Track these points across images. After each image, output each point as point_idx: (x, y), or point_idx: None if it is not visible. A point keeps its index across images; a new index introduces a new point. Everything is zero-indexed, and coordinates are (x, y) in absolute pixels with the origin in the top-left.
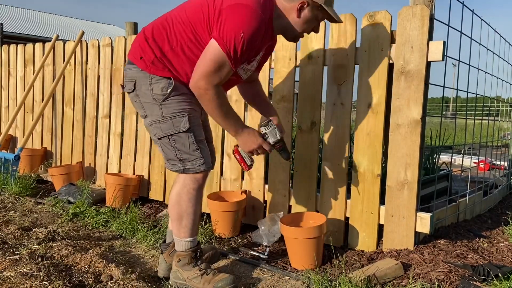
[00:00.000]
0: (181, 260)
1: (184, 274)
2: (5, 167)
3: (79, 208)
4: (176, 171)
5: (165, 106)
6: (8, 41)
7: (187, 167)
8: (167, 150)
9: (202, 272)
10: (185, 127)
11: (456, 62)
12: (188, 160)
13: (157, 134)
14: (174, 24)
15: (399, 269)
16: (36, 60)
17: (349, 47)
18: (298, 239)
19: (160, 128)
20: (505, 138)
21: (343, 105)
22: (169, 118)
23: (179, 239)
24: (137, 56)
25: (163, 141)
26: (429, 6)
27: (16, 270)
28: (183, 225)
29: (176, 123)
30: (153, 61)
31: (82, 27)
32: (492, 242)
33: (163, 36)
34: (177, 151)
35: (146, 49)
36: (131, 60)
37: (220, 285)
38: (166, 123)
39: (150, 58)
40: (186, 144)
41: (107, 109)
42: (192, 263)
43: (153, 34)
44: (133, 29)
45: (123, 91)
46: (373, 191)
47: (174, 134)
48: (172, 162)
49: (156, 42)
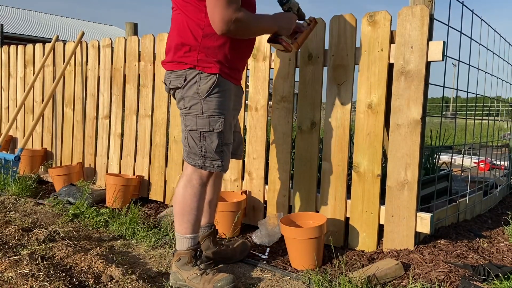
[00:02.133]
0: (181, 259)
1: (184, 275)
2: (6, 168)
3: (80, 209)
4: (194, 166)
5: (206, 103)
6: (8, 41)
7: (206, 164)
8: (193, 144)
9: (201, 272)
10: (219, 128)
11: (456, 62)
12: (209, 159)
13: (190, 126)
14: (183, 14)
15: (399, 269)
16: (36, 60)
17: (349, 47)
18: (298, 240)
19: (196, 122)
20: (505, 138)
21: (343, 105)
22: (207, 115)
23: (181, 236)
24: (181, 67)
25: (193, 134)
26: (429, 6)
27: (17, 271)
28: (185, 221)
29: (212, 122)
30: (199, 60)
31: (82, 28)
32: (492, 242)
33: (186, 31)
34: (203, 147)
35: (184, 56)
36: (177, 69)
37: (220, 285)
38: (203, 119)
39: (194, 59)
40: (214, 144)
41: (107, 109)
42: (192, 262)
43: (180, 36)
44: (133, 29)
45: (167, 89)
46: (373, 191)
47: (208, 131)
48: (192, 156)
49: (187, 42)
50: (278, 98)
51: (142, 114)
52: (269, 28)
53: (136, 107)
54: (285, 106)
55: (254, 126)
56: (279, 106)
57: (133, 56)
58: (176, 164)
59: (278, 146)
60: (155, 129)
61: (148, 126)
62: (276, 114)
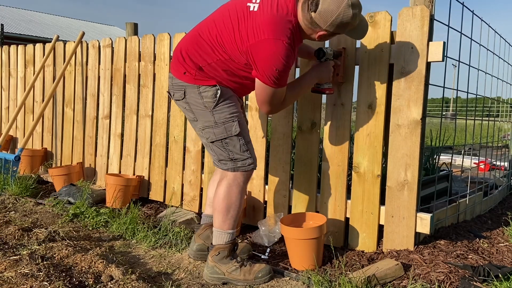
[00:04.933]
0: (220, 253)
1: (223, 268)
2: (6, 168)
3: (80, 209)
4: (227, 170)
5: (216, 113)
6: (9, 41)
7: (238, 165)
8: (219, 152)
9: (240, 263)
10: (236, 131)
11: (456, 62)
12: (239, 159)
13: (210, 138)
14: (206, 43)
15: (399, 270)
16: (36, 60)
17: (349, 48)
18: (298, 240)
19: (214, 132)
20: (505, 139)
21: (343, 106)
22: (221, 123)
23: (223, 231)
24: (180, 72)
25: (216, 144)
26: (429, 7)
27: (17, 271)
28: (229, 217)
29: (228, 128)
30: (196, 75)
31: (83, 28)
32: (492, 242)
33: (198, 55)
34: (229, 152)
35: (186, 66)
36: (175, 75)
37: (260, 275)
38: (219, 128)
39: (192, 72)
40: (237, 146)
41: (107, 109)
42: (230, 256)
43: (188, 53)
44: (133, 29)
45: (172, 99)
46: (373, 191)
47: (227, 137)
48: (224, 162)
49: (193, 61)
50: None
51: (142, 114)
52: (310, 86)
53: (136, 107)
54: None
55: (254, 127)
56: None
57: (134, 56)
58: (176, 164)
59: (278, 146)
60: (155, 129)
61: (148, 126)
62: (276, 114)
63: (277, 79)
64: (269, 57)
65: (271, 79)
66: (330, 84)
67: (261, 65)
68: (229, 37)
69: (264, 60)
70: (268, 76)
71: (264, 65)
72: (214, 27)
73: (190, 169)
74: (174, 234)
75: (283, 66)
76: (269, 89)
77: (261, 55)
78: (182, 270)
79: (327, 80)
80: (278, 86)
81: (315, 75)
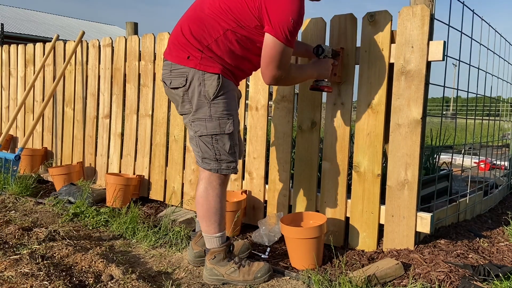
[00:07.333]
0: (216, 257)
1: (221, 270)
2: (6, 167)
3: (80, 208)
4: (209, 170)
5: (213, 106)
6: (9, 41)
7: (221, 167)
8: (205, 148)
9: (238, 264)
10: (229, 129)
11: (457, 62)
12: (224, 161)
13: (200, 132)
14: (209, 17)
15: (399, 269)
16: (36, 60)
17: (350, 47)
18: (299, 239)
19: (205, 126)
20: (506, 138)
21: (343, 105)
22: (216, 118)
23: (210, 236)
24: (183, 56)
25: (204, 139)
26: (429, 6)
27: (17, 270)
28: (213, 221)
29: (222, 124)
30: (202, 58)
31: (83, 27)
32: (492, 242)
33: (203, 32)
34: (216, 151)
35: (189, 48)
36: (176, 61)
37: (259, 275)
38: (212, 122)
39: (198, 55)
40: (226, 146)
41: (107, 109)
42: (227, 258)
43: (192, 32)
44: (133, 29)
45: (167, 87)
46: (373, 191)
47: (219, 134)
48: (207, 161)
49: (198, 40)
50: (278, 98)
51: (142, 113)
52: (310, 77)
53: (136, 107)
54: (286, 106)
55: (255, 126)
56: (280, 105)
57: (134, 56)
58: (177, 163)
59: (279, 145)
60: (155, 129)
61: (148, 126)
62: (277, 113)
63: (290, 33)
64: (286, 4)
65: (284, 31)
66: (329, 82)
67: (276, 15)
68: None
69: (280, 8)
70: (283, 28)
71: (280, 15)
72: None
73: (190, 169)
74: (174, 233)
75: (298, 17)
76: (279, 46)
77: (278, 3)
78: (182, 269)
79: (326, 77)
80: (289, 43)
81: (315, 68)
